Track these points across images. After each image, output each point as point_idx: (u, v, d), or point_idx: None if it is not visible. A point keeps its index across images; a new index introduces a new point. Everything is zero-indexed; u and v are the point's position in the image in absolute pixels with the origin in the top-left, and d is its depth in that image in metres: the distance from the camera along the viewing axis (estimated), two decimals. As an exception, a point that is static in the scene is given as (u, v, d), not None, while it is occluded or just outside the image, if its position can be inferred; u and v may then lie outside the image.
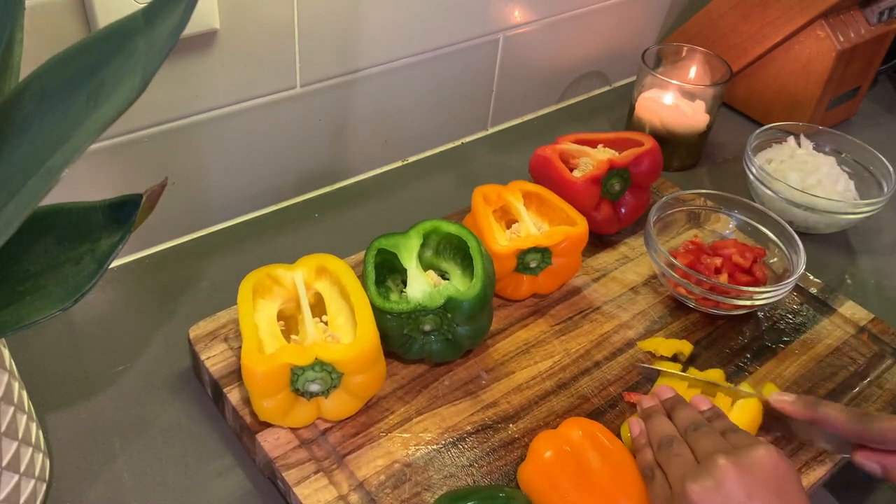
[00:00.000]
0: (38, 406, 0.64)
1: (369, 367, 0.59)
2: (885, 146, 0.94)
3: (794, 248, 0.76)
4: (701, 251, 0.77)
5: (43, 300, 0.46)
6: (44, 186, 0.40)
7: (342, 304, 0.64)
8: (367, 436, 0.61)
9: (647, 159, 0.80)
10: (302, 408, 0.60)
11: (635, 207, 0.82)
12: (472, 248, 0.67)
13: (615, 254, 0.82)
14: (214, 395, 0.65)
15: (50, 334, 0.70)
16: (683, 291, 0.74)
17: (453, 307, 0.63)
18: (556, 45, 1.02)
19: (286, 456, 0.59)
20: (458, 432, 0.63)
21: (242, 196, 0.84)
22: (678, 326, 0.74)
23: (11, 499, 0.52)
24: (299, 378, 0.58)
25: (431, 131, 0.97)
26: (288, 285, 0.65)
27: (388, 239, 0.68)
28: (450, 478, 0.59)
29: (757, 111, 1.09)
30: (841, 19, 1.00)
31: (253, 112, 0.78)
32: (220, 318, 0.68)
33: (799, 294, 0.79)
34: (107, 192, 0.71)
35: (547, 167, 0.81)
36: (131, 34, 0.44)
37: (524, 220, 0.75)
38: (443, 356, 0.66)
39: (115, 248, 0.47)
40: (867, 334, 0.75)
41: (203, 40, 0.70)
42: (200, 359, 0.65)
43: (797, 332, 0.75)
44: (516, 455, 0.61)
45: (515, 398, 0.66)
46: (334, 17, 0.78)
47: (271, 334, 0.61)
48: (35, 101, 0.44)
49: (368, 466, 0.59)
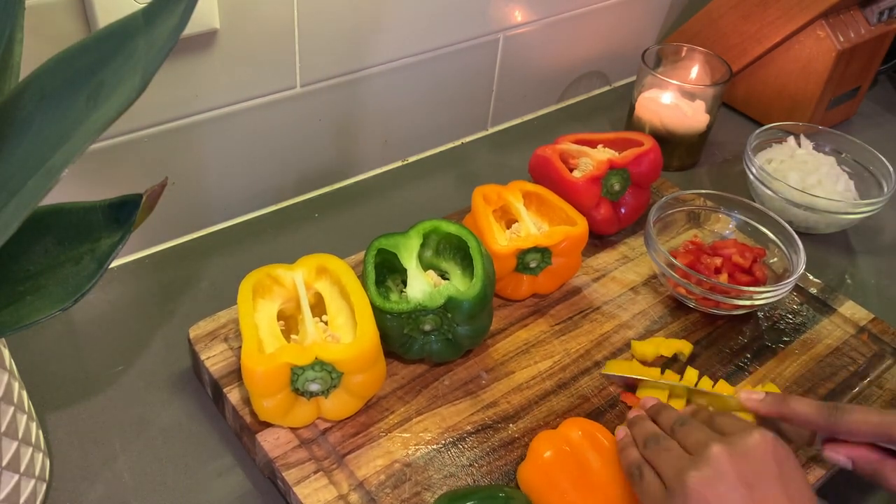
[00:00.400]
0: (38, 406, 0.64)
1: (369, 367, 0.59)
2: (885, 146, 0.94)
3: (793, 248, 0.76)
4: (701, 251, 0.77)
5: (43, 300, 0.46)
6: (44, 186, 0.40)
7: (342, 304, 0.64)
8: (367, 435, 0.61)
9: (647, 159, 0.80)
10: (302, 407, 0.60)
11: (635, 207, 0.82)
12: (471, 247, 0.67)
13: (615, 254, 0.82)
14: (214, 395, 0.65)
15: (50, 334, 0.70)
16: (683, 291, 0.74)
17: (453, 307, 0.63)
18: (556, 45, 1.02)
19: (286, 456, 0.59)
20: (458, 432, 0.63)
21: (242, 196, 0.84)
22: (678, 326, 0.74)
23: (11, 499, 0.52)
24: (299, 378, 0.58)
25: (431, 131, 0.97)
26: (288, 285, 0.65)
27: (388, 239, 0.68)
28: (450, 477, 0.59)
29: (757, 111, 1.09)
30: (841, 19, 1.00)
31: (253, 112, 0.78)
32: (220, 318, 0.68)
33: (799, 294, 0.79)
34: (107, 192, 0.71)
35: (547, 167, 0.81)
36: (131, 34, 0.44)
37: (524, 220, 0.75)
38: (443, 356, 0.66)
39: (115, 248, 0.47)
40: (867, 334, 0.75)
41: (203, 40, 0.70)
42: (200, 359, 0.65)
43: (797, 332, 0.75)
44: (516, 455, 0.61)
45: (515, 398, 0.66)
46: (334, 17, 0.78)
47: (271, 334, 0.61)
48: (35, 101, 0.44)
49: (368, 466, 0.59)
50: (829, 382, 0.70)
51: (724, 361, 0.71)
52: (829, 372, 0.71)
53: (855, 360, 0.72)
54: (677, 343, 0.71)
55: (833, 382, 0.70)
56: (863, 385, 0.70)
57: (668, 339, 0.71)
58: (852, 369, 0.72)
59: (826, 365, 0.72)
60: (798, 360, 0.72)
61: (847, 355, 0.73)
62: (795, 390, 0.69)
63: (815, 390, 0.69)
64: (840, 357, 0.73)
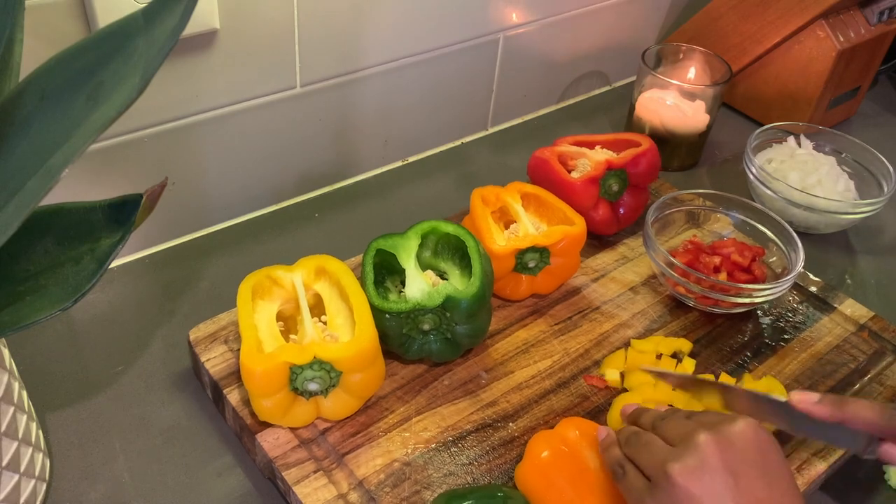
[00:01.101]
0: (38, 406, 0.64)
1: (368, 366, 0.59)
2: (885, 146, 0.94)
3: (792, 247, 0.76)
4: (700, 250, 0.77)
5: (43, 300, 0.46)
6: (44, 186, 0.40)
7: (341, 304, 0.64)
8: (367, 435, 0.61)
9: (645, 160, 0.80)
10: (301, 407, 0.60)
11: (634, 208, 0.82)
12: (469, 247, 0.67)
13: (614, 254, 0.82)
14: (214, 397, 0.65)
15: (50, 334, 0.70)
16: (682, 290, 0.74)
17: (452, 306, 0.63)
18: (556, 45, 1.02)
19: (286, 455, 0.59)
20: (458, 431, 0.63)
21: (242, 196, 0.84)
22: (678, 325, 0.74)
23: (11, 498, 0.52)
24: (298, 377, 0.58)
25: (431, 131, 0.97)
26: (287, 286, 0.65)
27: (386, 240, 0.68)
28: (449, 476, 0.59)
29: (757, 111, 1.09)
30: (841, 19, 1.00)
31: (253, 112, 0.78)
32: (220, 321, 0.68)
33: (798, 292, 0.79)
34: (107, 192, 0.71)
35: (545, 169, 0.81)
36: (131, 34, 0.44)
37: (522, 221, 0.75)
38: (442, 356, 0.66)
39: (115, 248, 0.47)
40: (867, 332, 0.75)
41: (203, 40, 0.70)
42: (200, 360, 0.65)
43: (797, 329, 0.75)
44: (515, 453, 0.61)
45: (515, 397, 0.66)
46: (334, 17, 0.78)
47: (270, 335, 0.61)
48: (35, 101, 0.44)
49: (368, 465, 0.59)
50: (830, 380, 0.70)
51: (725, 360, 0.71)
52: (830, 369, 0.71)
53: (855, 358, 0.72)
54: (677, 342, 0.71)
55: (833, 380, 0.70)
56: (863, 382, 0.70)
57: (668, 338, 0.71)
58: (853, 366, 0.72)
59: (826, 362, 0.72)
60: (798, 358, 0.72)
61: (847, 353, 0.73)
62: (796, 388, 0.69)
63: (816, 388, 0.69)
64: (840, 354, 0.73)
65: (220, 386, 0.63)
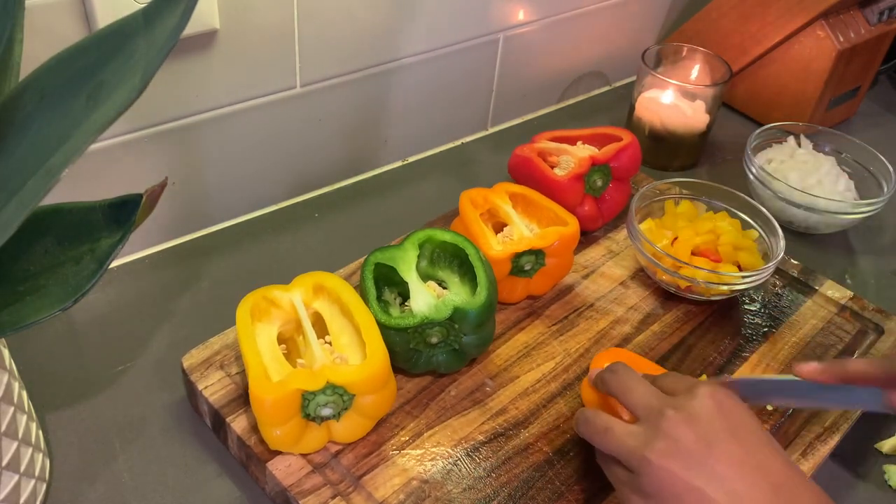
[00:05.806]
0: (38, 406, 0.64)
1: (381, 387, 0.57)
2: (885, 146, 0.94)
3: (772, 232, 0.77)
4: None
5: (43, 300, 0.46)
6: (44, 186, 0.40)
7: (344, 322, 0.62)
8: (380, 455, 0.60)
9: (627, 154, 0.81)
10: (313, 433, 0.58)
11: (617, 201, 0.83)
12: (471, 255, 0.66)
13: (600, 249, 0.82)
14: (215, 426, 0.63)
15: (50, 334, 0.70)
16: (667, 278, 0.75)
17: (460, 317, 0.62)
18: (555, 45, 1.02)
19: (300, 483, 0.57)
20: (471, 442, 0.61)
21: (242, 196, 0.84)
22: (671, 318, 0.75)
23: (11, 499, 0.52)
24: (310, 403, 0.56)
25: (431, 131, 0.97)
26: (286, 307, 0.62)
27: (383, 252, 0.67)
28: (469, 490, 0.58)
29: (757, 111, 1.09)
30: (841, 19, 1.00)
31: (253, 112, 0.78)
32: (213, 345, 0.65)
33: (781, 277, 0.80)
34: (107, 192, 0.71)
35: (528, 167, 0.81)
36: (131, 34, 0.44)
37: (515, 223, 0.75)
38: (449, 367, 0.65)
39: (115, 248, 0.47)
40: (849, 312, 0.77)
41: (203, 40, 0.70)
42: (198, 389, 0.62)
43: (784, 314, 0.76)
44: (532, 460, 0.61)
45: (523, 403, 0.65)
46: (334, 18, 0.78)
47: (274, 359, 0.59)
48: (35, 101, 0.44)
49: (386, 486, 0.57)
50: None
51: (720, 349, 0.72)
52: (821, 351, 0.73)
53: (841, 339, 0.74)
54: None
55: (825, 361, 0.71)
56: (853, 361, 0.71)
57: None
58: (840, 347, 0.73)
59: (816, 345, 0.73)
60: (789, 342, 0.73)
61: (833, 333, 0.75)
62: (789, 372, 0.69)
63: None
64: (827, 336, 0.74)
65: (221, 415, 0.60)
